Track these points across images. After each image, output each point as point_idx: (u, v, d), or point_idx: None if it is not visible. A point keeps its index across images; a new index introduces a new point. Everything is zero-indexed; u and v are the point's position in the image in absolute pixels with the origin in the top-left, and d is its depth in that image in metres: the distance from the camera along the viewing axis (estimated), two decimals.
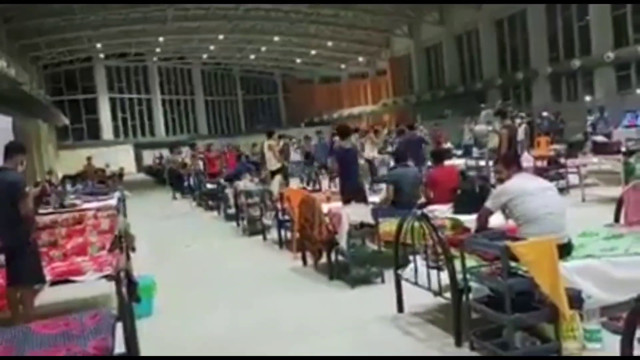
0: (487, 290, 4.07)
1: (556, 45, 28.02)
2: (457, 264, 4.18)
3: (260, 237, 9.26)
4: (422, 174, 8.10)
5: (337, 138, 8.77)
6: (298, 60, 45.63)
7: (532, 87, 29.55)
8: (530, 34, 28.84)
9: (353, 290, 5.82)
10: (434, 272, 4.43)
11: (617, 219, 5.49)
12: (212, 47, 40.61)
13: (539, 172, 11.58)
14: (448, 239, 4.67)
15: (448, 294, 4.25)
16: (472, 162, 13.77)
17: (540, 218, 4.42)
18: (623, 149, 11.20)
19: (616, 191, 7.76)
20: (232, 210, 11.31)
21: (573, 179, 11.46)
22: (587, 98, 25.60)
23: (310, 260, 6.91)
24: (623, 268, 4.39)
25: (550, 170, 11.54)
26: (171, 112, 47.03)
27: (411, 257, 4.83)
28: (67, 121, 35.30)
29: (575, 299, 3.94)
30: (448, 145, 21.17)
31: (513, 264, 3.78)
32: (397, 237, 4.94)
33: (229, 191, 11.52)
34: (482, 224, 4.75)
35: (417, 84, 38.50)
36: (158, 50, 40.43)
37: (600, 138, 15.52)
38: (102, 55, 40.14)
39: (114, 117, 43.78)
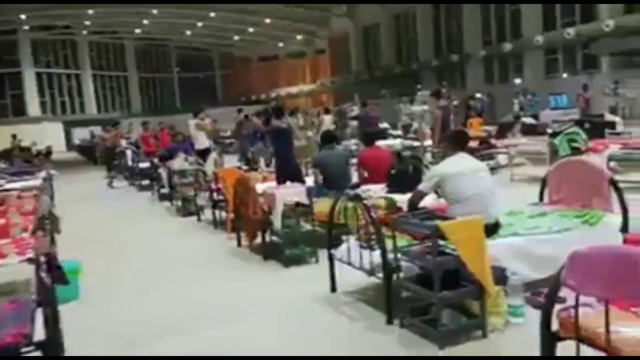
0: (417, 269, 4.14)
1: (489, 29, 28.75)
2: (389, 244, 4.23)
3: (194, 217, 9.09)
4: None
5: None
6: (236, 38, 44.89)
7: (466, 70, 30.26)
8: (465, 18, 29.44)
9: (287, 270, 5.80)
10: (366, 252, 4.46)
11: (541, 198, 5.70)
12: (145, 22, 39.31)
13: (471, 152, 11.91)
14: (380, 218, 4.72)
15: (380, 274, 4.29)
16: (407, 142, 14.00)
17: (470, 199, 4.52)
18: (549, 130, 11.66)
19: (542, 171, 8.06)
20: (166, 190, 11.06)
21: (503, 159, 11.84)
22: (518, 81, 26.46)
23: (244, 241, 6.83)
24: (545, 245, 4.56)
25: (481, 150, 11.84)
26: (103, 89, 45.39)
27: (345, 237, 4.84)
28: None
29: (500, 276, 4.08)
30: (384, 125, 21.48)
31: (442, 242, 3.84)
32: (331, 216, 4.94)
33: (162, 171, 11.23)
34: (414, 204, 4.82)
35: (355, 64, 38.69)
36: (87, 23, 38.76)
37: (528, 120, 16.12)
38: (26, 27, 38.06)
39: (41, 93, 41.82)
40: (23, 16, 34.02)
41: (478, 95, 23.75)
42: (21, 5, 30.61)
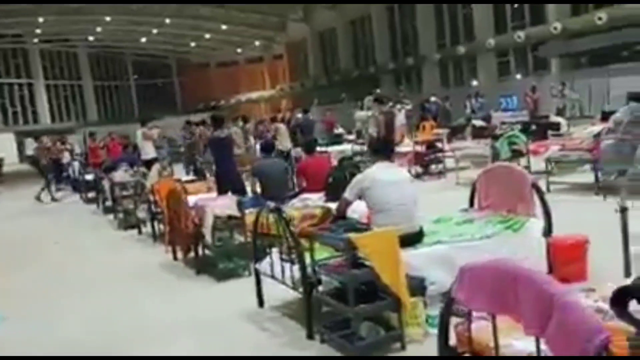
0: (337, 282, 4.08)
1: (443, 32, 29.10)
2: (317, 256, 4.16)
3: (136, 231, 8.88)
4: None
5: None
6: (192, 44, 44.42)
7: (422, 73, 30.55)
8: (419, 21, 29.74)
9: (219, 284, 5.68)
10: (288, 265, 4.38)
11: (472, 204, 5.71)
12: (98, 29, 38.54)
13: (418, 156, 12.00)
14: (302, 230, 4.65)
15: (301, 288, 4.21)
16: (357, 148, 14.00)
17: (392, 209, 4.48)
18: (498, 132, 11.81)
19: None
20: (109, 203, 10.79)
21: (451, 162, 11.94)
22: (475, 83, 26.82)
23: (180, 254, 6.68)
24: (467, 253, 4.52)
25: (429, 154, 11.92)
26: (56, 98, 44.30)
27: (269, 250, 4.76)
28: None
29: (419, 287, 4.04)
30: (339, 130, 21.47)
31: (362, 254, 3.79)
32: (255, 229, 4.85)
33: (105, 183, 10.96)
34: (340, 213, 4.77)
35: (313, 68, 38.69)
36: (38, 31, 37.80)
37: (478, 122, 16.33)
38: None
39: None
40: None
41: (433, 98, 24.01)
42: None
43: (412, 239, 4.57)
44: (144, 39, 42.34)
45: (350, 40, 35.70)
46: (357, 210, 6.04)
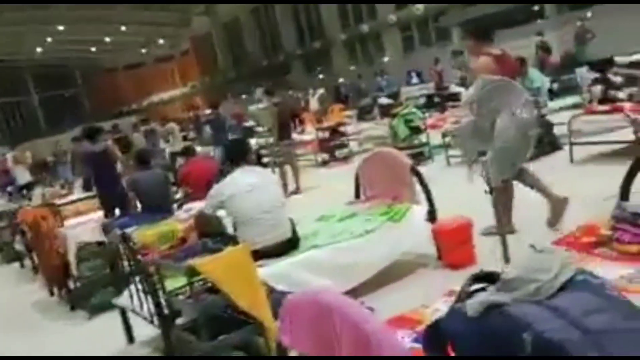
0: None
1: (346, 12, 28.89)
2: (175, 283, 3.68)
3: (18, 264, 8.08)
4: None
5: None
6: (93, 49, 42.32)
7: (331, 54, 30.29)
8: (322, 4, 29.38)
9: (91, 321, 5.11)
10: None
11: (357, 195, 5.38)
12: None
13: (323, 143, 11.67)
14: (161, 255, 4.16)
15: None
16: (262, 141, 13.52)
17: (255, 218, 4.07)
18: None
19: None
20: None
21: (355, 146, 11.68)
22: (386, 59, 26.75)
23: (56, 289, 6.03)
24: (346, 253, 4.22)
25: (334, 140, 11.60)
26: None
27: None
28: None
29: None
30: (250, 123, 20.89)
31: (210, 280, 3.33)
32: (114, 256, 4.32)
33: None
34: (201, 228, 4.30)
35: (222, 61, 37.74)
36: None
37: (384, 100, 16.18)
38: None
39: None
40: None
41: (341, 80, 23.82)
42: None
43: (283, 248, 4.18)
44: (39, 49, 39.91)
45: (256, 28, 34.98)
46: None
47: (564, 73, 12.12)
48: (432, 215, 4.64)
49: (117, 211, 7.23)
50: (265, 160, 10.76)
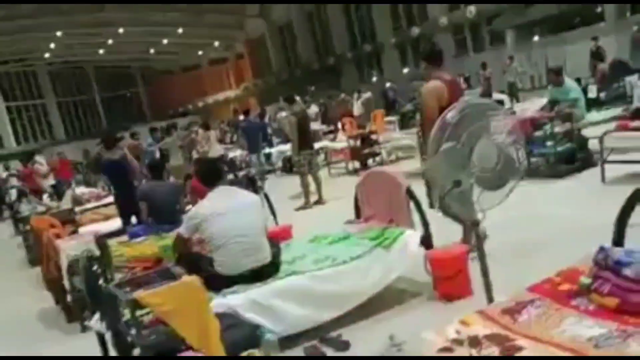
0: None
1: (398, 14, 28.44)
2: None
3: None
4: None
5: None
6: (152, 51, 43.46)
7: (382, 58, 29.90)
8: (374, 7, 29.05)
9: (81, 336, 5.04)
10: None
11: (357, 215, 5.12)
12: (52, 46, 37.51)
13: (354, 152, 11.39)
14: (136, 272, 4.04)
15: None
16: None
17: (230, 243, 3.88)
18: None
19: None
20: None
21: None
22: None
23: None
24: (328, 281, 3.98)
25: (365, 147, 11.30)
26: (20, 120, 43.22)
27: None
28: None
29: (249, 338, 3.41)
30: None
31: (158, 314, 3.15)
32: (87, 272, 4.23)
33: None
34: (180, 251, 4.14)
35: (275, 64, 37.93)
36: None
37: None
38: None
39: None
40: None
41: (388, 84, 23.37)
42: None
43: (262, 273, 3.97)
44: (101, 51, 41.34)
45: (308, 32, 34.97)
46: None
47: (615, 81, 11.36)
48: (426, 241, 4.33)
49: (133, 219, 7.24)
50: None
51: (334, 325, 3.98)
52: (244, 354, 3.24)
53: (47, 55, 40.55)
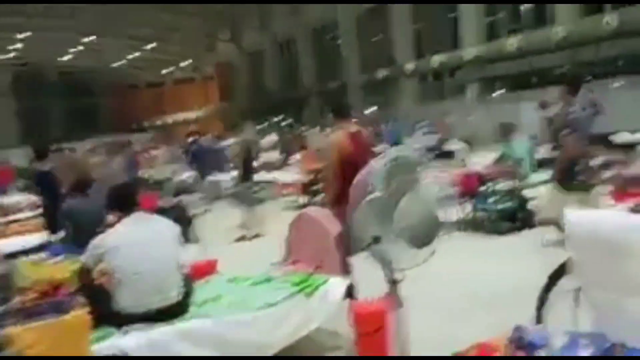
0: None
1: (367, 57, 28.47)
2: None
3: None
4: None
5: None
6: (116, 64, 42.82)
7: (347, 95, 29.99)
8: (342, 46, 29.21)
9: None
10: None
11: (288, 256, 4.87)
12: (12, 47, 36.54)
13: (305, 186, 11.15)
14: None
15: None
16: None
17: (135, 278, 3.57)
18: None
19: None
20: None
21: None
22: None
23: None
24: (238, 327, 3.70)
25: (314, 185, 11.09)
26: None
27: None
28: None
29: None
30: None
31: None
32: None
33: None
34: (82, 281, 3.81)
35: (243, 89, 37.83)
36: None
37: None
38: None
39: None
40: None
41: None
42: None
43: (169, 312, 3.66)
44: (66, 57, 40.51)
45: (279, 61, 35.05)
46: None
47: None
48: (351, 292, 4.11)
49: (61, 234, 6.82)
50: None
51: None
52: None
53: (10, 55, 39.44)
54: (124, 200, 3.88)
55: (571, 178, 5.29)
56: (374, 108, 27.50)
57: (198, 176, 13.03)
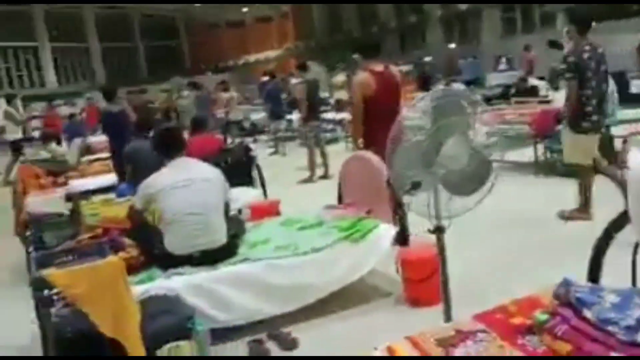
0: None
1: None
2: None
3: None
4: None
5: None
6: (198, 4, 43.15)
7: (426, 31, 28.93)
8: None
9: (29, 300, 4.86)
10: None
11: (340, 200, 4.76)
12: None
13: None
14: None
15: None
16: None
17: (180, 220, 3.58)
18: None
19: None
20: None
21: None
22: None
23: None
24: (283, 272, 3.65)
25: None
26: (62, 60, 43.66)
27: None
28: None
29: (179, 328, 3.10)
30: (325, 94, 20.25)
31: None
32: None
33: None
34: (133, 222, 3.87)
35: (318, 27, 37.20)
36: None
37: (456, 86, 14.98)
38: None
39: None
40: None
41: (427, 59, 22.56)
42: None
43: (215, 255, 3.67)
44: None
45: None
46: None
47: None
48: (401, 238, 3.96)
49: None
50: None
51: (289, 320, 3.68)
52: (170, 345, 2.97)
53: None
54: (168, 145, 3.86)
55: (580, 120, 4.97)
56: (452, 45, 26.37)
57: (270, 116, 13.02)
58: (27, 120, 12.72)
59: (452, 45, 26.20)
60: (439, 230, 2.83)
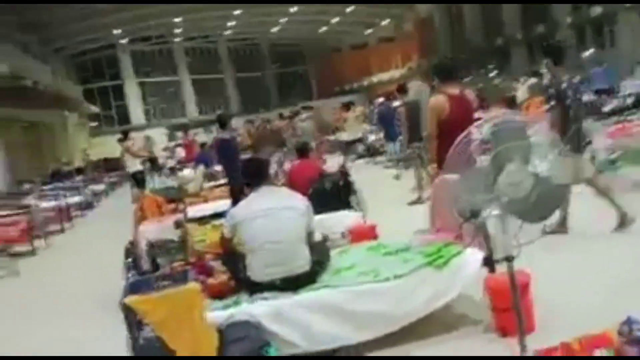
0: None
1: None
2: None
3: None
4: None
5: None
6: (322, 29, 44.47)
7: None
8: None
9: None
10: None
11: (432, 224, 4.68)
12: (229, 24, 40.02)
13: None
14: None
15: None
16: None
17: (262, 247, 3.74)
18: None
19: None
20: None
21: None
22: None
23: None
24: (365, 299, 3.67)
25: None
26: (200, 92, 46.94)
27: None
28: (97, 109, 36.16)
29: (256, 352, 3.23)
30: None
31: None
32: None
33: None
34: (224, 249, 4.10)
35: (442, 44, 36.71)
36: (177, 31, 40.28)
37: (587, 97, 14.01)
38: (123, 41, 40.16)
39: (145, 101, 44.12)
40: (117, 31, 35.89)
41: (544, 70, 21.29)
42: (113, 21, 32.34)
43: (297, 282, 3.78)
44: (274, 29, 43.20)
45: (478, 11, 33.19)
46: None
47: None
48: (488, 264, 3.81)
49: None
50: None
51: (375, 345, 3.68)
52: None
53: (227, 32, 43.35)
54: (257, 174, 4.05)
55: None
56: (590, 51, 24.71)
57: (385, 138, 13.05)
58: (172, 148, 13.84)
59: (586, 54, 24.60)
60: (507, 260, 2.72)
